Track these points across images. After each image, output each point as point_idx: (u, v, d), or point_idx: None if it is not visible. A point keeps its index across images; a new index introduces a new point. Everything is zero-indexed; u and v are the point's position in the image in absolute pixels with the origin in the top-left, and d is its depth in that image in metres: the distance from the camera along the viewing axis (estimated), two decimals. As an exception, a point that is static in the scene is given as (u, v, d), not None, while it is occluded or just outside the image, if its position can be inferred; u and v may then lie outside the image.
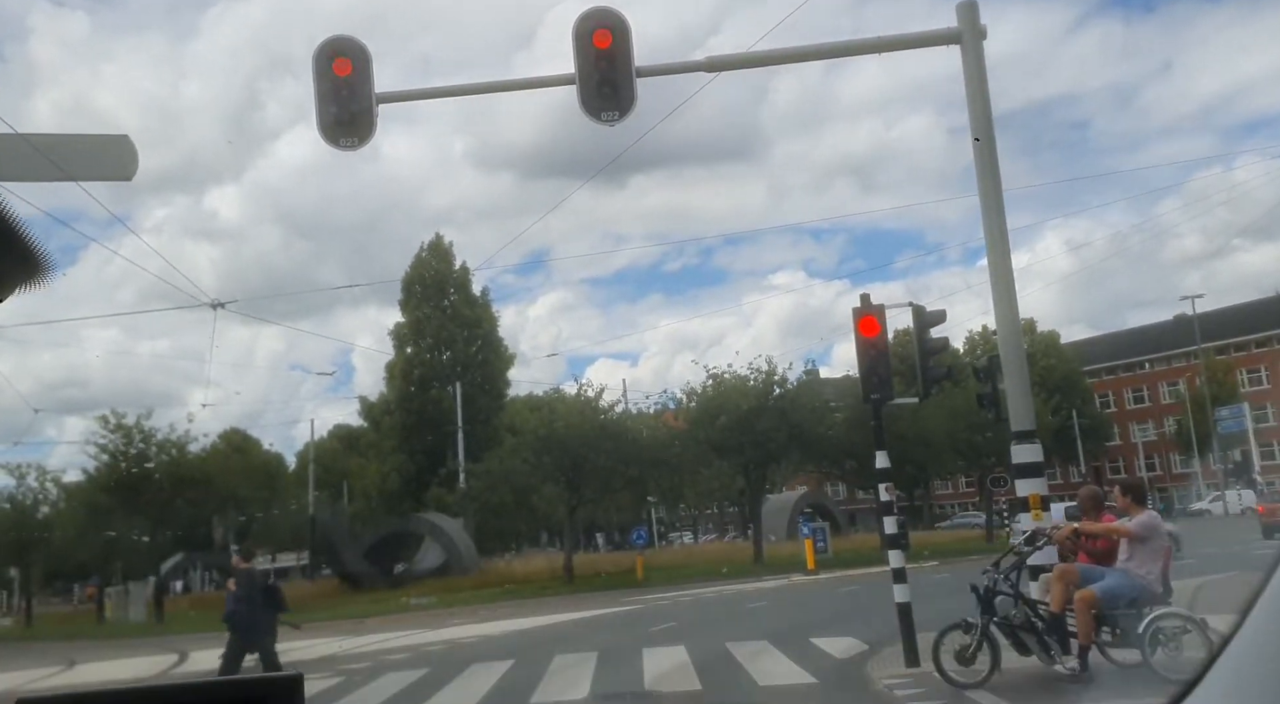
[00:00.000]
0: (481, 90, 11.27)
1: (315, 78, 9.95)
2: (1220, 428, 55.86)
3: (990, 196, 10.46)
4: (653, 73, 10.34)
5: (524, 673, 12.09)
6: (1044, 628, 8.34)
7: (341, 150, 10.10)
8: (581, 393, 35.16)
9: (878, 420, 11.17)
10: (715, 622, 17.51)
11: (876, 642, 11.86)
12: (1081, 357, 73.65)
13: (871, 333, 10.72)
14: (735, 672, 11.03)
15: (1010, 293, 10.54)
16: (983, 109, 10.47)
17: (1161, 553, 8.39)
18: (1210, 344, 63.27)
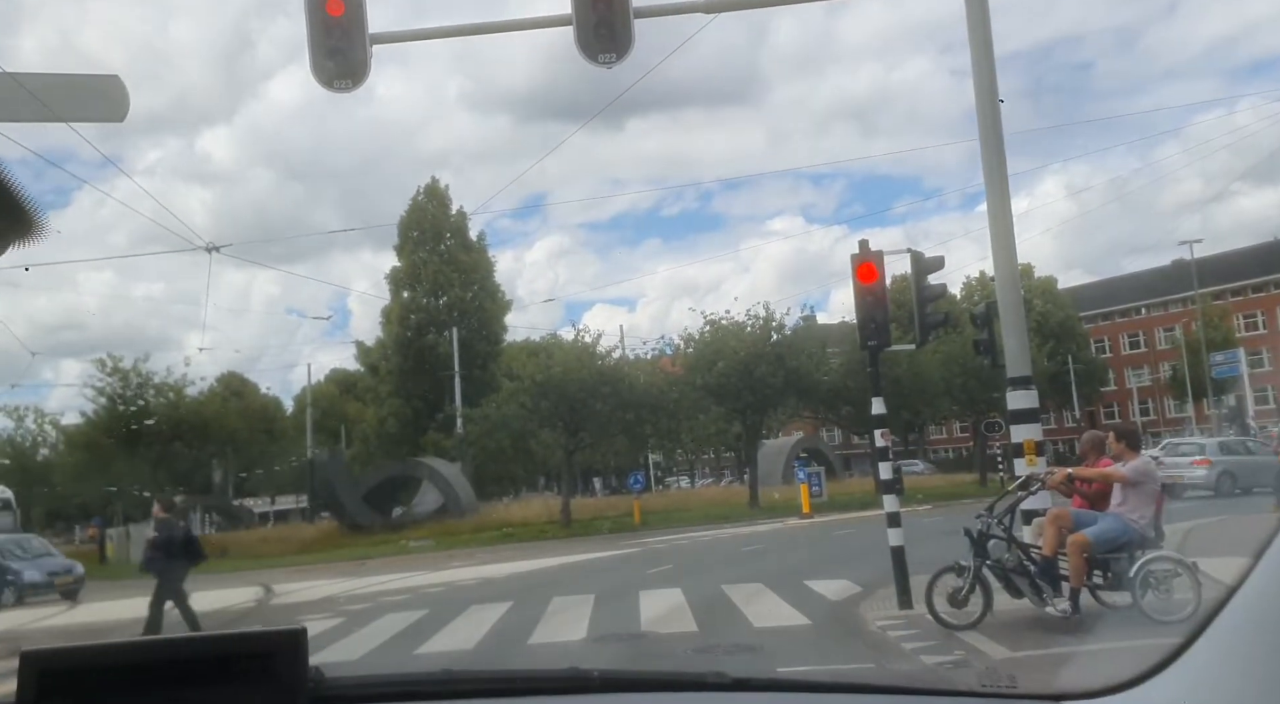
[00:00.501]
0: (477, 31, 11.09)
1: (307, 18, 9.76)
2: (1215, 373, 56.04)
3: (991, 141, 10.37)
4: (651, 14, 10.17)
5: (522, 614, 12.26)
6: (1036, 571, 8.45)
7: (335, 92, 9.95)
8: (579, 338, 35.20)
9: (874, 367, 11.20)
10: (711, 564, 17.74)
11: (870, 584, 12.02)
12: (1078, 302, 73.65)
13: (869, 279, 10.69)
14: (731, 613, 11.20)
15: (1009, 239, 10.51)
16: (984, 50, 10.33)
17: (1154, 498, 8.47)
18: (1207, 289, 63.19)
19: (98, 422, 41.04)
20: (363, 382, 51.58)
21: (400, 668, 2.13)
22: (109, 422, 39.12)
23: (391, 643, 11.08)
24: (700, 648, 9.30)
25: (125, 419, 38.66)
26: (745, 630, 9.97)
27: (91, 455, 38.16)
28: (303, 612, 15.44)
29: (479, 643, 10.51)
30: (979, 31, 10.25)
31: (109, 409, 39.73)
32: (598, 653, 9.40)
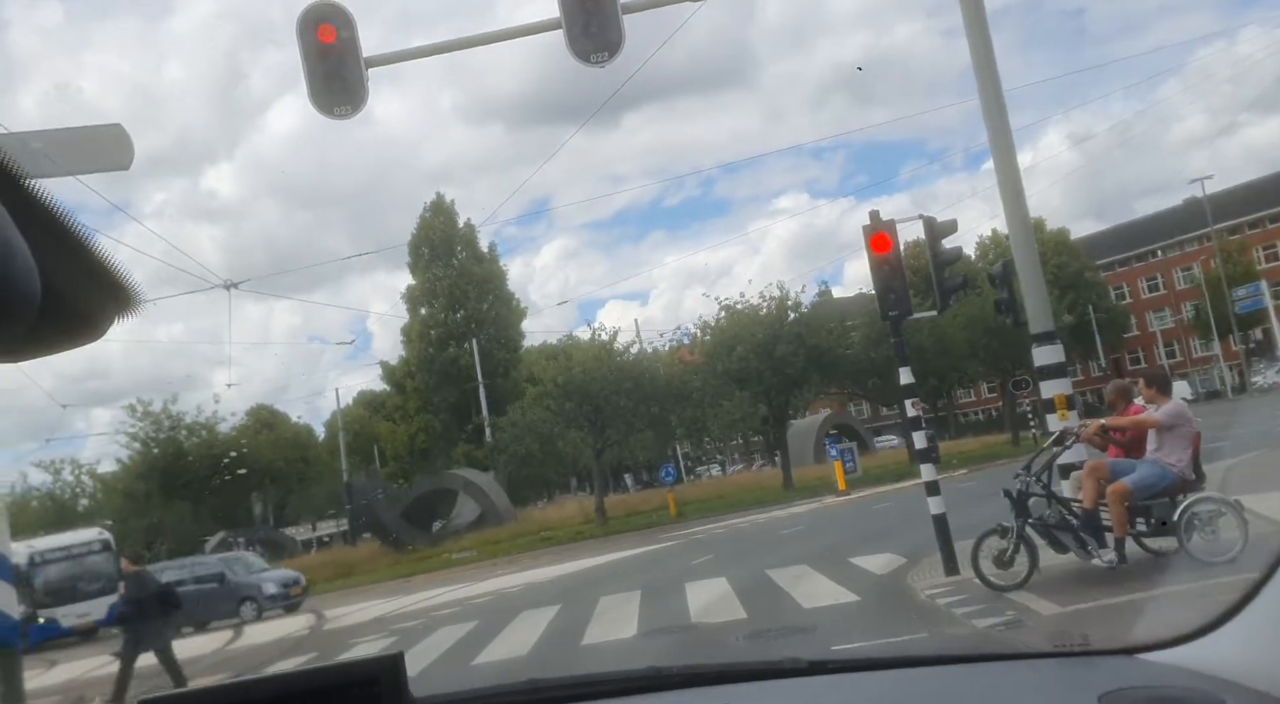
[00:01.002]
0: (470, 44, 11.14)
1: (301, 48, 9.81)
2: (1239, 308, 55.45)
3: (990, 97, 10.33)
4: (639, 8, 10.17)
5: (572, 616, 12.34)
6: (1079, 524, 8.45)
7: (336, 119, 10.02)
8: (595, 337, 35.27)
9: (898, 336, 11.18)
10: (752, 550, 17.78)
11: (914, 554, 12.03)
12: (1093, 250, 73.04)
13: (884, 249, 10.67)
14: (778, 596, 11.24)
15: (1019, 194, 10.47)
16: (976, 6, 10.29)
17: (1190, 439, 8.44)
18: (1222, 225, 62.52)
19: (133, 467, 41.54)
20: (390, 401, 51.87)
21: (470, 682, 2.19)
22: (145, 466, 39.58)
23: (447, 656, 11.20)
24: (752, 634, 9.35)
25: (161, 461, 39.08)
26: (795, 612, 10.02)
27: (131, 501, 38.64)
28: (355, 634, 15.60)
29: (533, 648, 10.60)
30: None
31: (144, 453, 40.19)
32: (652, 648, 9.44)
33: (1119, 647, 1.52)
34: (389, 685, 1.24)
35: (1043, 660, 1.68)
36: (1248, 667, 1.18)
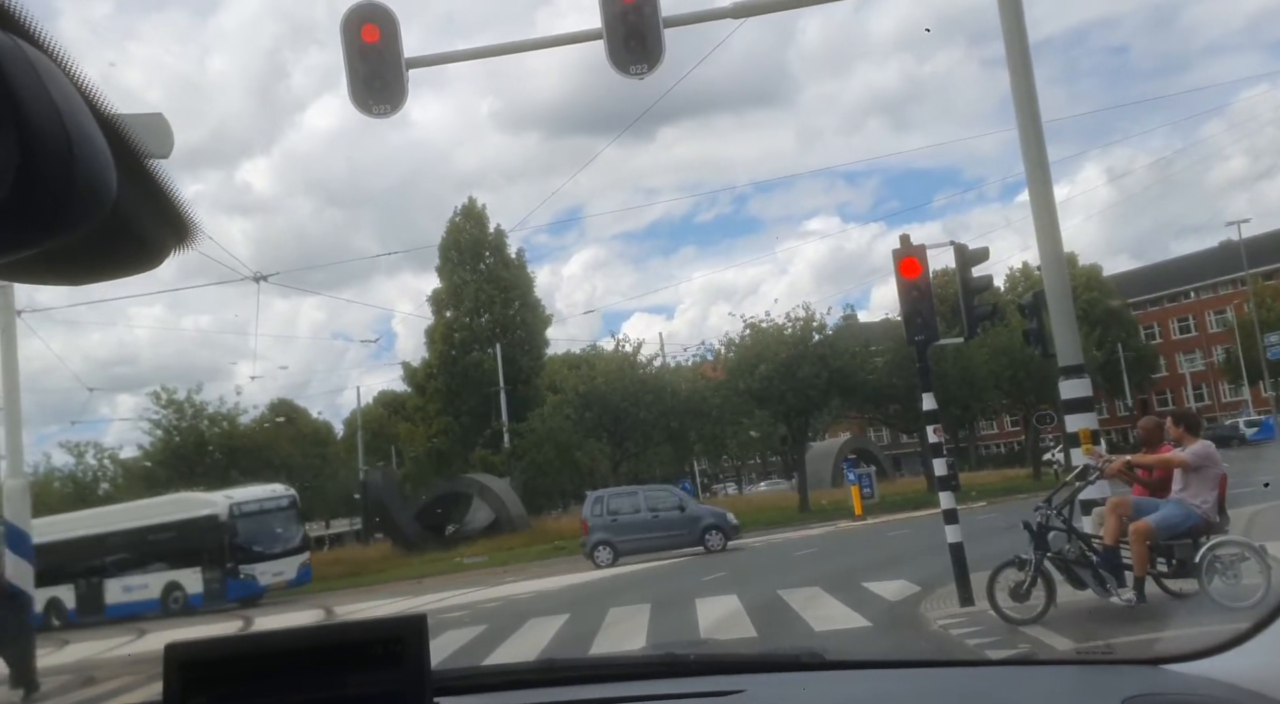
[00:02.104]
0: (510, 50, 11.23)
1: (344, 46, 9.94)
2: (1271, 354, 54.65)
3: (1029, 128, 10.27)
4: (680, 23, 10.23)
5: (580, 626, 12.31)
6: (1098, 561, 8.34)
7: (374, 117, 10.12)
8: (619, 348, 35.38)
9: (923, 362, 11.12)
10: (765, 570, 17.68)
11: (929, 583, 11.91)
12: (1125, 288, 72.35)
13: (913, 274, 10.63)
14: (789, 617, 11.16)
15: (1053, 226, 10.39)
16: (1018, 37, 10.25)
17: (1216, 481, 8.32)
18: (1258, 269, 61.78)
19: (154, 454, 41.95)
20: (411, 402, 52.08)
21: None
22: (166, 453, 39.95)
23: (453, 659, 11.17)
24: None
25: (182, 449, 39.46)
26: (805, 634, 9.94)
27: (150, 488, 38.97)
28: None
29: (540, 654, 10.57)
30: (1012, 18, 10.18)
31: (165, 441, 40.57)
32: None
33: (1143, 657, 1.50)
34: (413, 645, 1.25)
35: (1067, 667, 1.65)
36: (1274, 680, 1.16)
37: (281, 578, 27.03)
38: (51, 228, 0.59)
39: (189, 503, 28.02)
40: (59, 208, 0.58)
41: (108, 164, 0.61)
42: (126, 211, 0.66)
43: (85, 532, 27.93)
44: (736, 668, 1.65)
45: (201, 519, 26.60)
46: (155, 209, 0.72)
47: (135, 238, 0.72)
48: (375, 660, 1.23)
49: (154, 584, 26.95)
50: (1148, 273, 78.65)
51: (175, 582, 26.82)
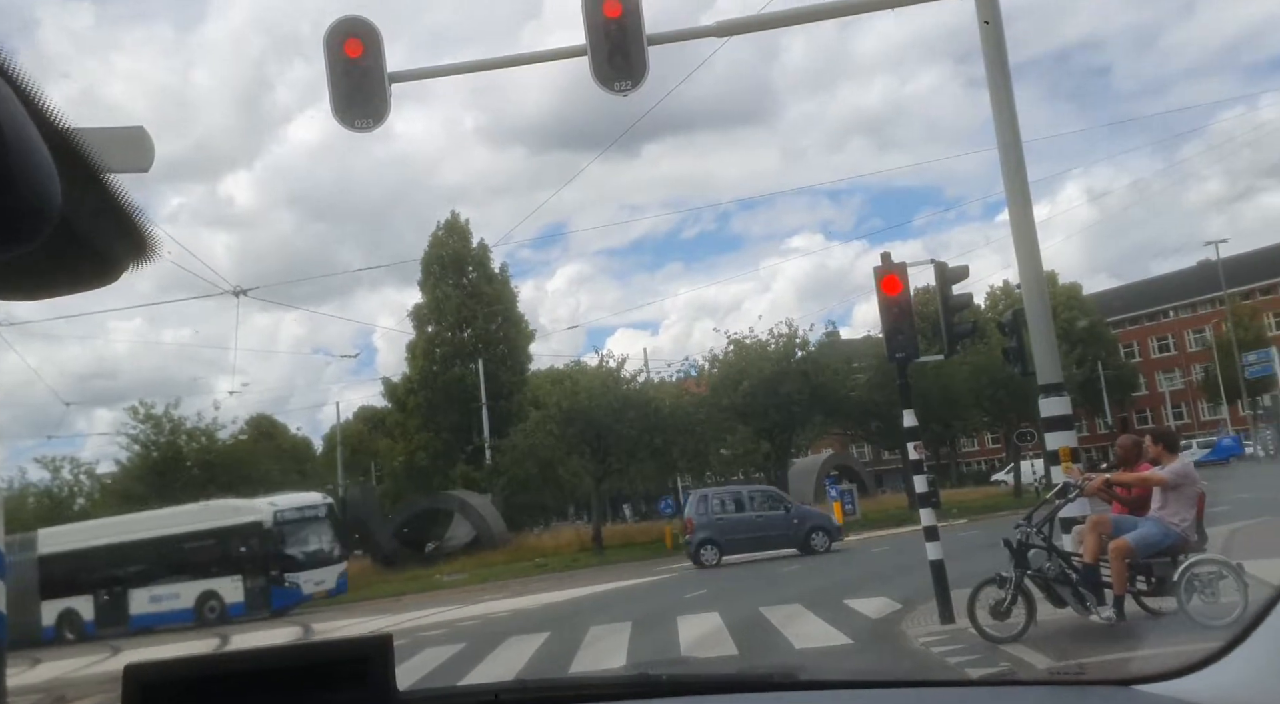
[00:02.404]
0: (494, 66, 11.23)
1: (327, 61, 9.93)
2: (1248, 373, 55.26)
3: (1009, 148, 10.35)
4: (664, 40, 10.26)
5: (560, 644, 12.22)
6: (1078, 579, 8.35)
7: (357, 132, 10.11)
8: (603, 364, 35.26)
9: (904, 379, 11.15)
10: (747, 587, 17.63)
11: (910, 600, 11.91)
12: (1105, 307, 73.00)
13: (894, 291, 10.67)
14: (770, 635, 11.12)
15: (1033, 245, 10.45)
16: (999, 59, 10.34)
17: (1195, 500, 8.36)
18: (1236, 289, 62.51)
19: (131, 469, 41.51)
20: (391, 417, 51.84)
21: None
22: (143, 469, 39.55)
23: (431, 677, 11.07)
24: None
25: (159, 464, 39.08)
26: (786, 652, 9.90)
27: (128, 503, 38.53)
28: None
29: (518, 674, 10.47)
30: (993, 39, 10.27)
31: (143, 456, 40.17)
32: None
33: (1113, 678, 1.49)
34: (378, 666, 1.22)
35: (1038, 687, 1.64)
36: (1243, 700, 1.15)
37: (323, 587, 26.84)
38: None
39: (231, 509, 27.50)
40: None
41: (52, 178, 0.60)
42: (81, 226, 0.66)
43: (109, 539, 27.29)
44: (708, 688, 1.63)
45: (246, 526, 26.25)
46: (111, 224, 0.71)
47: (90, 253, 0.71)
48: (341, 681, 1.21)
49: (186, 593, 26.38)
50: (1127, 292, 79.38)
51: (212, 591, 26.32)
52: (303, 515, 27.34)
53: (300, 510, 27.45)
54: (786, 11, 11.50)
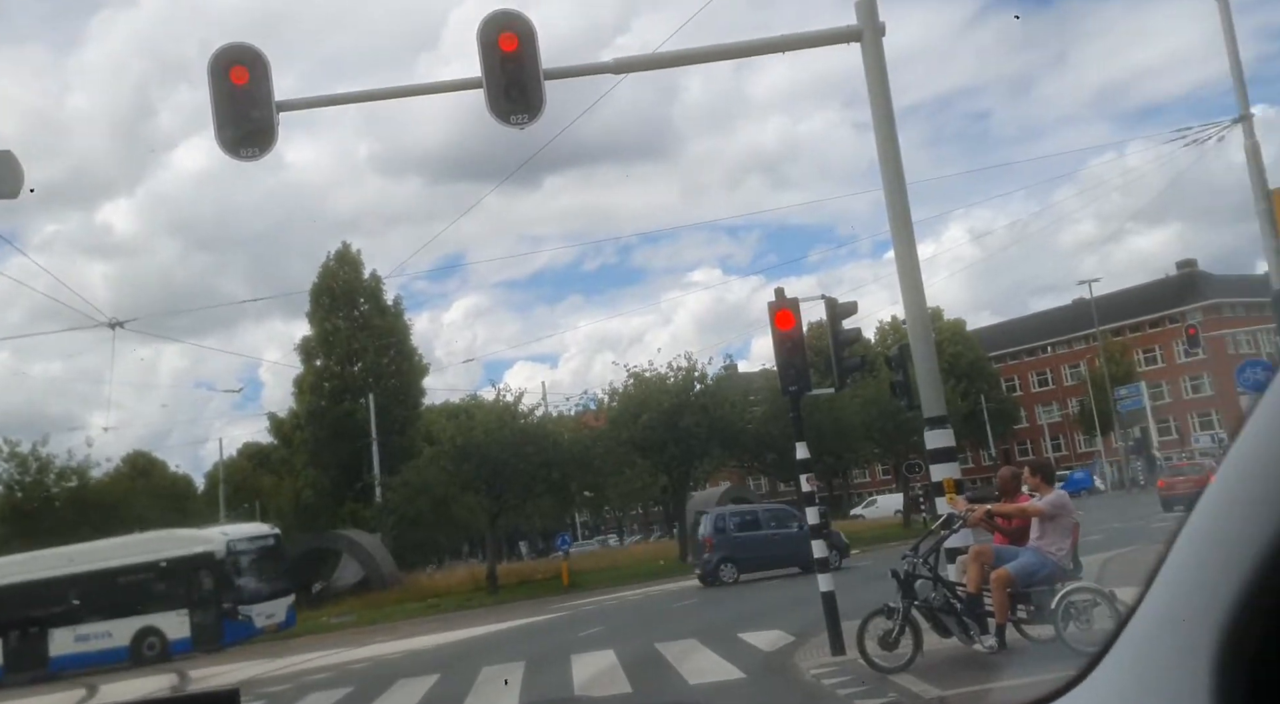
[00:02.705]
0: (386, 96, 11.08)
1: (211, 88, 9.65)
2: (1120, 407, 58.13)
3: (894, 190, 10.68)
4: (560, 75, 10.29)
5: (450, 686, 11.91)
6: (962, 609, 8.55)
7: (242, 161, 9.82)
8: (500, 398, 34.85)
9: (796, 412, 11.31)
10: (643, 623, 17.53)
11: (803, 632, 12.01)
12: (988, 342, 75.98)
13: (787, 326, 10.86)
14: (665, 671, 11.05)
15: (917, 283, 10.79)
16: (884, 104, 10.69)
17: (1070, 529, 8.67)
18: (1107, 326, 65.87)
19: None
20: (277, 453, 50.10)
21: None
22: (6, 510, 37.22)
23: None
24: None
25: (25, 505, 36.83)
26: (680, 688, 9.84)
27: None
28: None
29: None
30: (877, 85, 10.62)
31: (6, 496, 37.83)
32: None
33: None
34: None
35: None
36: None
37: (273, 621, 25.58)
38: None
39: (178, 540, 26.00)
40: None
41: None
42: None
43: (28, 576, 25.31)
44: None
45: (195, 557, 24.82)
46: None
47: None
48: None
49: (120, 631, 24.67)
50: (1008, 328, 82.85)
51: (151, 627, 24.68)
52: (254, 545, 26.33)
53: (251, 540, 26.45)
54: (682, 51, 11.69)
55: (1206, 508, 0.96)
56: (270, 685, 14.96)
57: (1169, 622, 1.02)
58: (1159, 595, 1.06)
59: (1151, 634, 1.07)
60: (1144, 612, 1.09)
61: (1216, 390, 64.76)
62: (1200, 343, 37.60)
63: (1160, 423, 61.85)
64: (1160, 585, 1.05)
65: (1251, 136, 16.31)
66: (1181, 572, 1.01)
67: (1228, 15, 16.15)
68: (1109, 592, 8.11)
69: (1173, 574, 1.02)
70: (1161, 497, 29.12)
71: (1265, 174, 16.28)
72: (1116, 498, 48.34)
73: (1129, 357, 68.97)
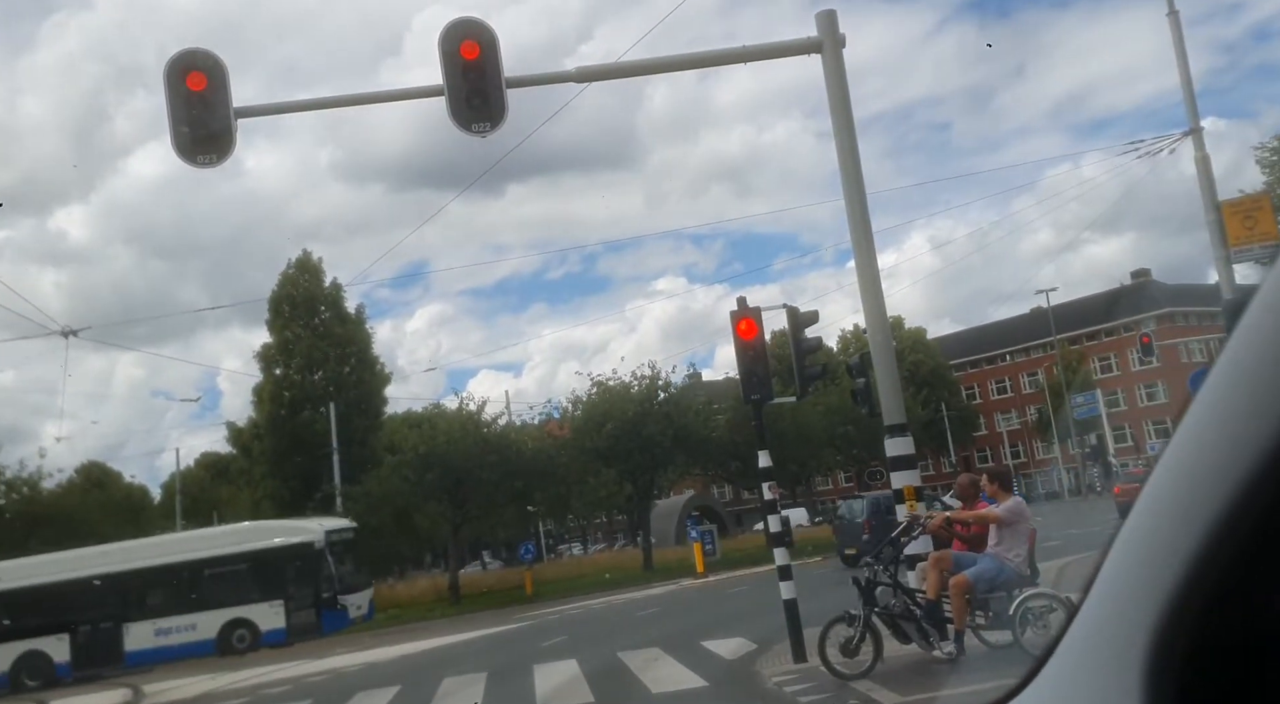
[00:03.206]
0: (347, 102, 10.99)
1: (167, 94, 9.53)
2: (1076, 414, 58.98)
3: (854, 199, 10.77)
4: (523, 83, 10.27)
5: (411, 699, 11.81)
6: (921, 615, 8.61)
7: (199, 167, 9.70)
8: (463, 407, 34.65)
9: (759, 420, 11.37)
10: (606, 632, 17.48)
11: (765, 640, 12.04)
12: (948, 350, 76.80)
13: (749, 335, 10.91)
14: (627, 681, 11.02)
15: (877, 292, 10.88)
16: (844, 114, 10.78)
17: (1027, 536, 8.78)
18: (1064, 335, 66.86)
19: (-60, 522, 38.07)
20: (236, 464, 49.33)
21: None
22: (-46, 521, 36.35)
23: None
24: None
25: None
26: (643, 697, 9.84)
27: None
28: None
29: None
30: (838, 96, 10.71)
31: (-46, 507, 36.96)
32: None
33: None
34: None
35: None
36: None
37: (360, 612, 25.87)
38: None
39: (276, 530, 26.17)
40: None
41: None
42: None
43: (104, 569, 25.00)
44: None
45: (295, 547, 24.91)
46: None
47: None
48: None
49: (207, 623, 24.56)
50: (969, 336, 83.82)
51: (241, 618, 24.64)
52: (342, 537, 26.69)
53: (341, 532, 26.81)
54: (644, 61, 11.74)
55: (1140, 513, 0.98)
56: (226, 699, 14.72)
57: (1105, 625, 1.04)
58: (1096, 600, 1.08)
59: (1090, 638, 1.09)
60: (1083, 616, 1.11)
61: (1170, 398, 65.97)
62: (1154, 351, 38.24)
63: (1115, 430, 62.78)
64: (1097, 590, 1.07)
65: (1201, 149, 16.65)
66: (1116, 576, 1.03)
67: (1178, 29, 16.52)
68: (1065, 597, 8.21)
69: (1108, 579, 1.05)
70: (1119, 503, 29.58)
71: (1215, 185, 16.64)
72: (1074, 504, 49.03)
73: (1085, 365, 70.03)
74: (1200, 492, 0.85)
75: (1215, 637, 0.89)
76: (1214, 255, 16.61)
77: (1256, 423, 0.81)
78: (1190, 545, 0.87)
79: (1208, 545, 0.86)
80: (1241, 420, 0.83)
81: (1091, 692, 1.05)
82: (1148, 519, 0.96)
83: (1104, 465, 55.23)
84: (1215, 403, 0.87)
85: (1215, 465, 0.84)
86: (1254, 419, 0.82)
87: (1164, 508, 0.93)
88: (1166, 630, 0.92)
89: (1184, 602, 0.89)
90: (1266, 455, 0.80)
